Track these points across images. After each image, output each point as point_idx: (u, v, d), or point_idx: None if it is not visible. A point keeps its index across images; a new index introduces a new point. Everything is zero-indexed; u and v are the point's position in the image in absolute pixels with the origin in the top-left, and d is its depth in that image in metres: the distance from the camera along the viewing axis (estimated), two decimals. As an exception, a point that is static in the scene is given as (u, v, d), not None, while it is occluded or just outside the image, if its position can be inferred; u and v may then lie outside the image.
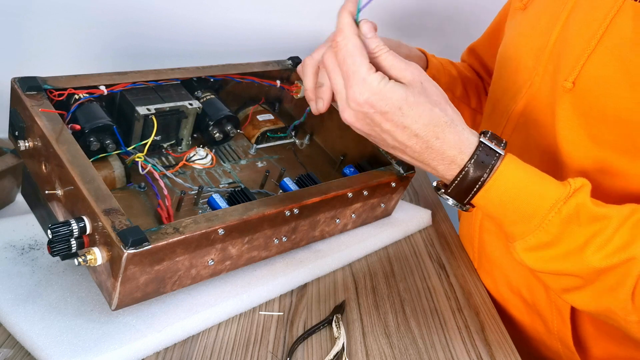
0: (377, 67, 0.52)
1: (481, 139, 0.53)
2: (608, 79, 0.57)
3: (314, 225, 0.69)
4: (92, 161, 0.57)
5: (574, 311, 0.66)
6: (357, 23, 0.53)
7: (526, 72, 0.68)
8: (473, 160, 0.52)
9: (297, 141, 0.83)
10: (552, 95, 0.63)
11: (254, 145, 0.78)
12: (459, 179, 0.52)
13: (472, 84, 0.91)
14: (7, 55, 1.14)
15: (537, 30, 0.68)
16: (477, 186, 0.52)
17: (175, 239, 0.53)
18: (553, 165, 0.63)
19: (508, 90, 0.71)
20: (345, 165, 0.78)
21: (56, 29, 1.14)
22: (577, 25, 0.61)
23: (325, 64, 0.53)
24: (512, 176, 0.52)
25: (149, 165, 0.65)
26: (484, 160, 0.52)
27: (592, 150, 0.59)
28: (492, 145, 0.52)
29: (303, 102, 0.86)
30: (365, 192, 0.72)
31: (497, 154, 0.52)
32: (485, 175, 0.52)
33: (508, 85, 0.72)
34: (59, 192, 0.57)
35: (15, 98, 0.61)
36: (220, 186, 0.70)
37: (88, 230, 0.53)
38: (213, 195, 0.65)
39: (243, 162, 0.76)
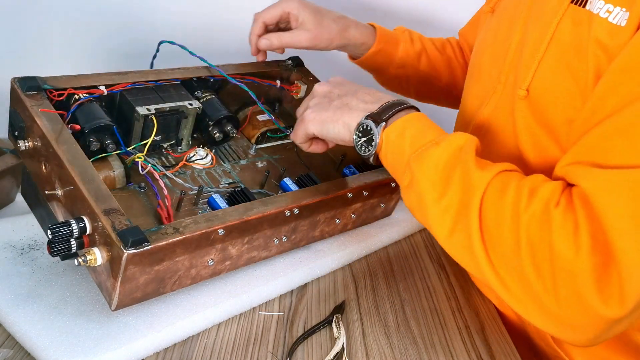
0: None
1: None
2: (557, 86, 0.57)
3: (314, 225, 0.69)
4: (92, 161, 0.57)
5: None
6: None
7: (490, 81, 0.68)
8: (394, 100, 0.61)
9: None
10: (512, 104, 0.63)
11: (254, 145, 0.78)
12: (385, 104, 0.61)
13: (445, 62, 0.92)
14: (7, 55, 1.14)
15: (499, 37, 0.69)
16: (399, 107, 0.60)
17: (175, 239, 0.53)
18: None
19: (475, 98, 0.72)
20: (345, 165, 0.78)
21: (56, 29, 1.14)
22: (530, 32, 0.62)
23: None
24: (416, 117, 0.59)
25: (149, 165, 0.65)
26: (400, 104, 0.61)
27: (558, 154, 0.59)
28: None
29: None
30: (365, 192, 0.72)
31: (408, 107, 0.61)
32: (402, 105, 0.60)
33: (474, 92, 0.73)
34: (59, 192, 0.57)
35: (15, 98, 0.61)
36: (220, 186, 0.70)
37: (88, 231, 0.53)
38: (213, 196, 0.65)
39: (243, 162, 0.75)
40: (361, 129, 0.60)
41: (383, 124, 0.59)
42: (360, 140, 0.60)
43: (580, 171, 0.49)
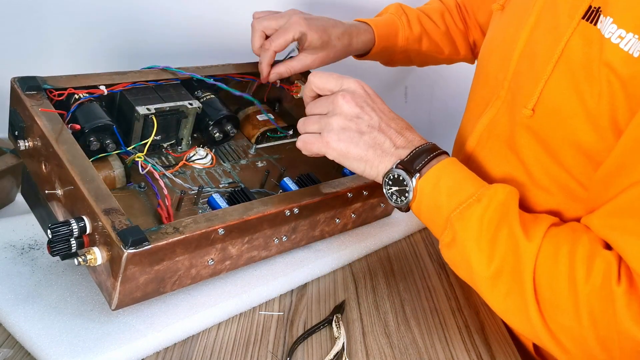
0: None
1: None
2: (565, 108, 0.55)
3: (314, 225, 0.69)
4: (92, 161, 0.57)
5: None
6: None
7: (495, 84, 0.67)
8: (424, 146, 0.58)
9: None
10: (514, 114, 0.62)
11: (254, 145, 0.78)
12: (415, 149, 0.58)
13: (445, 35, 0.92)
14: (7, 55, 1.14)
15: (506, 38, 0.67)
16: (431, 156, 0.57)
17: (175, 238, 0.53)
18: (515, 182, 0.62)
19: (481, 100, 0.71)
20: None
21: (56, 29, 1.14)
22: (538, 43, 0.60)
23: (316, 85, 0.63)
24: (451, 167, 0.57)
25: (149, 165, 0.65)
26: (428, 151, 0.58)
27: (558, 173, 0.58)
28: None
29: (303, 102, 0.86)
30: (365, 192, 0.72)
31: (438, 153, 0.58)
32: (433, 154, 0.57)
33: (481, 95, 0.72)
34: (59, 192, 0.57)
35: (15, 98, 0.61)
36: (220, 186, 0.70)
37: (88, 230, 0.53)
38: (213, 195, 0.65)
39: (243, 162, 0.76)
40: (392, 177, 0.57)
41: (417, 175, 0.56)
42: (391, 189, 0.58)
43: (629, 245, 0.48)
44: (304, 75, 0.85)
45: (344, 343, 0.60)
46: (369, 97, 0.61)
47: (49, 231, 0.52)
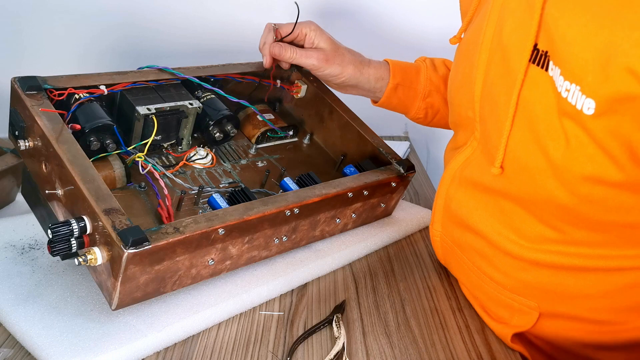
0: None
1: None
2: (530, 163, 0.52)
3: (314, 224, 0.69)
4: (92, 161, 0.57)
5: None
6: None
7: (467, 122, 0.64)
8: None
9: (304, 141, 0.83)
10: (487, 162, 0.59)
11: (254, 145, 0.78)
12: None
13: None
14: (7, 55, 1.14)
15: (465, 74, 0.64)
16: None
17: (176, 238, 0.53)
18: (493, 220, 0.60)
19: (461, 135, 0.68)
20: (345, 165, 0.78)
21: (56, 29, 1.14)
22: (494, 86, 0.56)
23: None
24: None
25: (149, 165, 0.65)
26: None
27: (534, 225, 0.57)
28: None
29: (303, 102, 0.86)
30: (365, 192, 0.72)
31: None
32: None
33: (458, 127, 0.69)
34: (59, 191, 0.57)
35: (15, 98, 0.61)
36: (221, 186, 0.70)
37: (88, 230, 0.53)
38: (213, 195, 0.65)
39: (243, 161, 0.76)
40: None
41: None
42: None
43: None
44: (303, 75, 0.85)
45: (344, 343, 0.60)
46: None
47: (49, 231, 0.52)
